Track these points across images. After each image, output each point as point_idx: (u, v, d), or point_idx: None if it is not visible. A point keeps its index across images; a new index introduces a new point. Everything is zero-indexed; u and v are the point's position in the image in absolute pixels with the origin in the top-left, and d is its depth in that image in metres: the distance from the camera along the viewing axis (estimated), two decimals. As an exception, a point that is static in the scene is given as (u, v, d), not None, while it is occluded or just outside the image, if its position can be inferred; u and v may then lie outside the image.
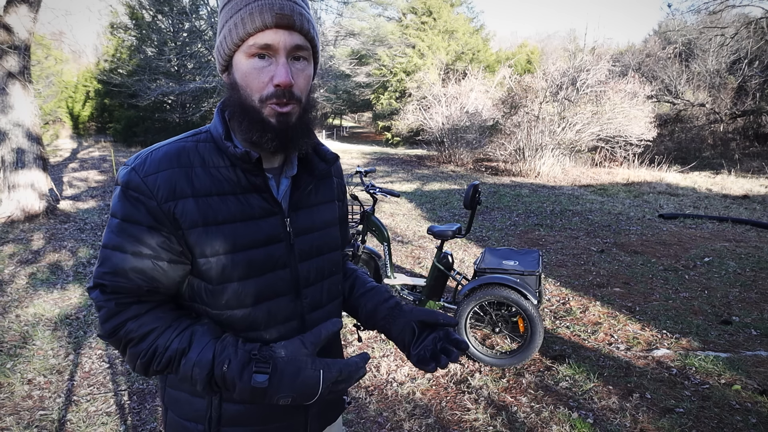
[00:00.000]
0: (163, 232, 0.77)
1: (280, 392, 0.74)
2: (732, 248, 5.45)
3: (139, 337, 0.77)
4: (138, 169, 0.77)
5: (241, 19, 0.76)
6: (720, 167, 14.24)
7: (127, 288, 0.77)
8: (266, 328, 0.85)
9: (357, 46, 25.10)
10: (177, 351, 0.76)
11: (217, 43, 0.82)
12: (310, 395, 0.75)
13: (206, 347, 0.76)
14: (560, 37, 41.45)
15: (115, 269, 0.76)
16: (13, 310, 3.68)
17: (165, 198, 0.76)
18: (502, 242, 5.86)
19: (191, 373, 0.75)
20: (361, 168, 3.82)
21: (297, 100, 0.80)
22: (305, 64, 0.81)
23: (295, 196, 0.89)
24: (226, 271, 0.80)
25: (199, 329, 0.78)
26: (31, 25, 6.21)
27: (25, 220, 6.28)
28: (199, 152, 0.81)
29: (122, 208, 0.77)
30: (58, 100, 19.34)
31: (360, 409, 2.51)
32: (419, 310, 0.95)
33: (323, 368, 0.76)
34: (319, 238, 0.93)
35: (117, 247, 0.77)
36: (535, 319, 2.72)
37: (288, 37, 0.77)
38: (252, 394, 0.73)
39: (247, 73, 0.78)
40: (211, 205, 0.79)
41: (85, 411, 2.47)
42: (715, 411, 2.39)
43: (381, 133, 25.98)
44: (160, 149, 0.81)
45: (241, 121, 0.80)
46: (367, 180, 3.81)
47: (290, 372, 0.75)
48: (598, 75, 12.33)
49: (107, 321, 0.77)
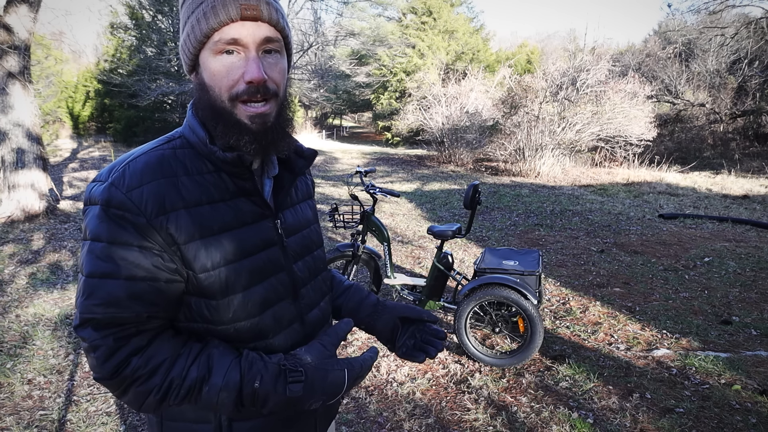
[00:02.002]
0: (155, 250, 0.70)
1: (313, 397, 0.75)
2: (732, 248, 5.45)
3: (149, 372, 0.69)
4: (118, 183, 0.69)
5: (204, 14, 0.70)
6: (720, 167, 14.24)
7: (124, 318, 0.68)
8: (274, 335, 0.83)
9: (357, 46, 25.10)
10: (197, 380, 0.70)
11: (181, 42, 0.76)
12: (337, 394, 0.77)
13: (231, 369, 0.72)
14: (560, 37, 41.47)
15: (107, 300, 0.67)
16: (13, 310, 3.68)
17: (155, 213, 0.69)
18: (502, 242, 5.86)
19: (217, 399, 0.71)
20: (361, 168, 3.82)
21: (273, 95, 0.75)
22: (278, 56, 0.76)
23: (280, 197, 0.86)
24: (229, 282, 0.76)
25: (215, 352, 0.73)
26: (31, 25, 6.21)
27: (25, 220, 6.28)
28: (180, 159, 0.75)
29: (107, 230, 0.68)
30: (58, 100, 19.33)
31: (360, 409, 2.51)
32: (402, 306, 1.00)
33: (347, 367, 0.78)
34: (307, 237, 0.92)
35: (106, 274, 0.68)
36: (535, 319, 2.72)
37: (256, 29, 0.71)
38: (287, 404, 0.73)
39: (215, 71, 0.72)
40: (203, 215, 0.74)
41: (85, 411, 2.47)
42: (715, 411, 2.39)
43: (381, 133, 25.98)
44: (137, 160, 0.73)
45: (216, 125, 0.75)
46: (367, 180, 3.81)
47: (320, 377, 0.76)
48: (598, 75, 12.33)
49: (108, 360, 0.67)
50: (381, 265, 3.67)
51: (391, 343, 0.99)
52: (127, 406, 2.53)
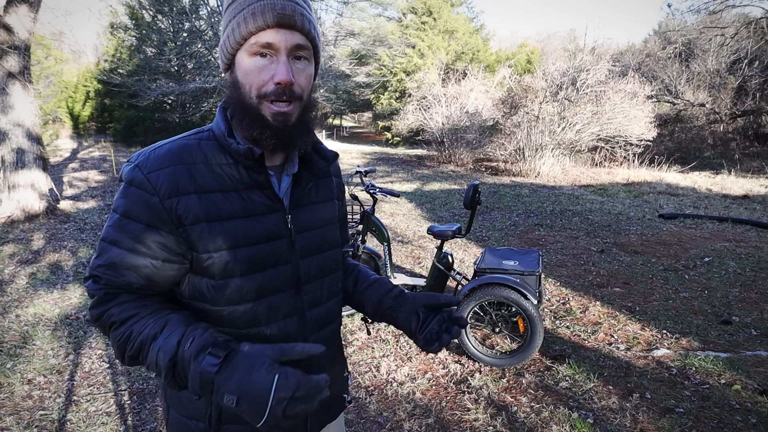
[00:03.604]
0: (162, 231, 0.78)
1: (228, 385, 0.68)
2: (732, 248, 5.45)
3: (120, 321, 0.78)
4: (141, 166, 0.79)
5: (244, 19, 0.77)
6: (720, 167, 14.24)
7: (117, 283, 0.79)
8: (267, 323, 0.86)
9: (357, 46, 25.09)
10: (148, 336, 0.76)
11: (221, 42, 0.84)
12: (258, 401, 0.66)
13: (174, 333, 0.75)
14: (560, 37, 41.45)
15: (109, 263, 0.78)
16: (13, 310, 3.68)
17: (167, 194, 0.77)
18: (502, 242, 5.86)
19: (156, 358, 0.74)
20: (361, 168, 3.82)
21: (298, 98, 0.81)
22: (306, 63, 0.82)
23: (296, 194, 0.90)
24: (228, 266, 0.81)
25: (174, 317, 0.78)
26: (31, 25, 6.21)
27: (25, 220, 6.28)
28: (202, 150, 0.83)
29: (123, 204, 0.78)
30: (58, 100, 19.33)
31: (360, 409, 2.51)
32: (422, 294, 0.98)
33: (279, 374, 0.68)
34: (320, 236, 0.94)
35: (114, 242, 0.78)
36: (535, 319, 2.72)
37: (289, 36, 0.78)
38: (201, 380, 0.69)
39: (248, 71, 0.79)
40: (214, 201, 0.80)
41: (85, 411, 2.47)
42: (715, 411, 2.39)
43: (381, 133, 25.98)
44: (163, 147, 0.82)
45: (242, 119, 0.82)
46: (367, 180, 3.81)
47: (243, 367, 0.70)
48: (598, 75, 12.32)
49: (95, 307, 0.80)
50: (381, 265, 3.67)
51: (414, 335, 0.96)
52: (126, 407, 2.53)
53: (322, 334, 0.96)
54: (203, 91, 16.72)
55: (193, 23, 16.39)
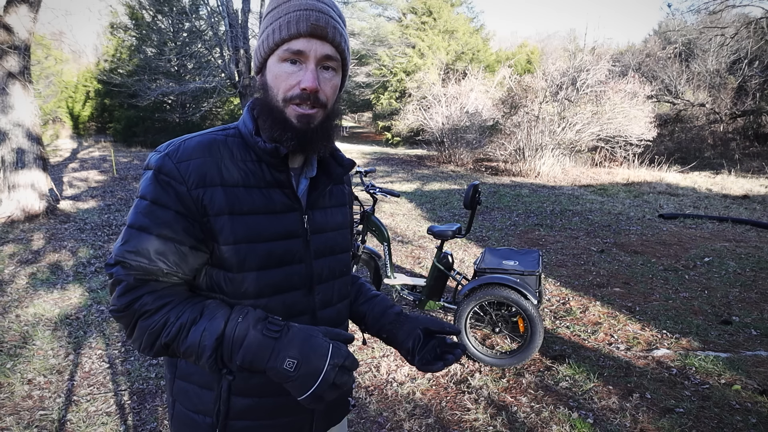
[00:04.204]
0: (189, 218, 0.80)
1: (289, 350, 0.73)
2: (732, 248, 5.45)
3: (155, 309, 0.78)
4: (172, 155, 0.81)
5: (279, 27, 0.82)
6: (720, 167, 14.24)
7: (148, 268, 0.79)
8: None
9: (357, 46, 25.04)
10: (188, 320, 0.77)
11: (256, 46, 0.88)
12: (316, 365, 0.72)
13: (219, 314, 0.78)
14: (560, 37, 41.42)
15: (138, 249, 0.79)
16: (13, 310, 3.68)
17: (195, 184, 0.80)
18: (502, 242, 5.86)
19: (200, 339, 0.75)
20: (361, 168, 3.82)
21: (322, 105, 0.84)
22: (333, 74, 0.86)
23: (313, 196, 0.93)
24: (247, 259, 0.83)
25: (211, 302, 0.81)
26: (31, 25, 6.22)
27: (25, 220, 6.28)
28: (228, 146, 0.86)
29: (153, 191, 0.80)
30: (58, 100, 19.33)
31: (360, 409, 2.51)
32: (424, 318, 1.01)
33: (334, 343, 0.75)
34: (332, 239, 0.97)
35: (143, 227, 0.79)
36: (535, 319, 2.72)
37: (320, 46, 0.82)
38: (260, 345, 0.73)
39: (277, 75, 0.83)
40: (237, 195, 0.83)
41: (85, 411, 2.48)
42: (715, 411, 2.39)
43: (381, 133, 25.98)
44: (192, 139, 0.85)
45: (266, 119, 0.86)
46: (367, 180, 3.81)
47: (301, 335, 0.75)
48: (598, 75, 12.32)
49: (124, 294, 0.78)
50: (381, 265, 3.67)
51: (411, 354, 0.98)
52: (126, 407, 2.53)
53: None
54: (203, 91, 16.71)
55: (193, 23, 16.38)
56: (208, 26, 15.97)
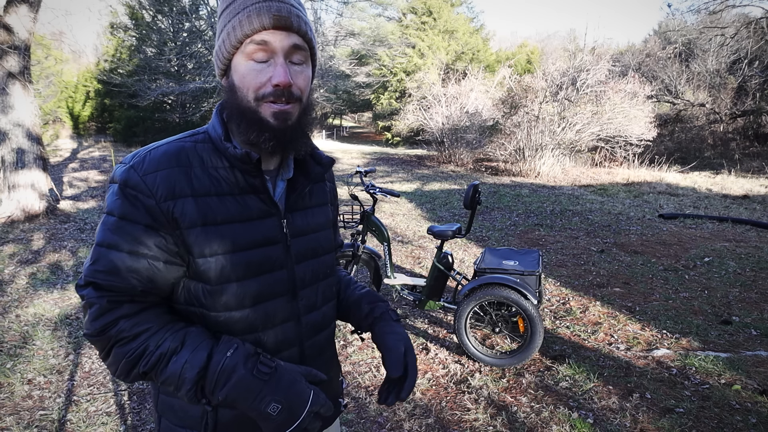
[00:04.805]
0: (161, 231, 0.76)
1: (276, 393, 0.73)
2: (732, 248, 5.45)
3: (132, 336, 0.75)
4: (137, 167, 0.76)
5: (239, 22, 0.77)
6: (720, 167, 14.24)
7: (121, 287, 0.75)
8: (264, 329, 0.85)
9: (357, 46, 25.09)
10: (168, 350, 0.74)
11: (216, 48, 0.83)
12: (296, 411, 0.74)
13: (201, 345, 0.75)
14: (560, 37, 41.45)
15: (110, 268, 0.75)
16: (13, 310, 3.68)
17: (164, 197, 0.76)
18: (502, 242, 5.86)
19: (180, 370, 0.73)
20: (361, 168, 3.82)
21: (297, 100, 0.80)
22: (304, 66, 0.82)
23: (292, 199, 0.89)
24: (225, 271, 0.79)
25: (193, 330, 0.78)
26: (31, 25, 6.21)
27: (25, 220, 6.28)
28: (198, 152, 0.81)
29: (120, 206, 0.76)
30: (58, 100, 19.33)
31: (360, 409, 2.51)
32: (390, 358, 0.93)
33: (314, 390, 0.77)
34: (314, 241, 0.93)
35: (113, 245, 0.75)
36: (535, 319, 2.72)
37: (286, 38, 0.78)
38: (248, 386, 0.72)
39: (245, 74, 0.78)
40: (210, 205, 0.78)
41: (85, 411, 2.47)
42: (715, 411, 2.39)
43: (381, 133, 25.99)
44: (158, 148, 0.80)
45: (239, 122, 0.81)
46: (367, 180, 3.81)
47: (288, 378, 0.75)
48: (598, 75, 12.32)
49: (97, 318, 0.74)
50: (381, 265, 3.67)
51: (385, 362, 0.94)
52: (126, 407, 2.53)
53: (317, 339, 0.95)
54: (203, 91, 16.73)
55: (193, 23, 16.40)
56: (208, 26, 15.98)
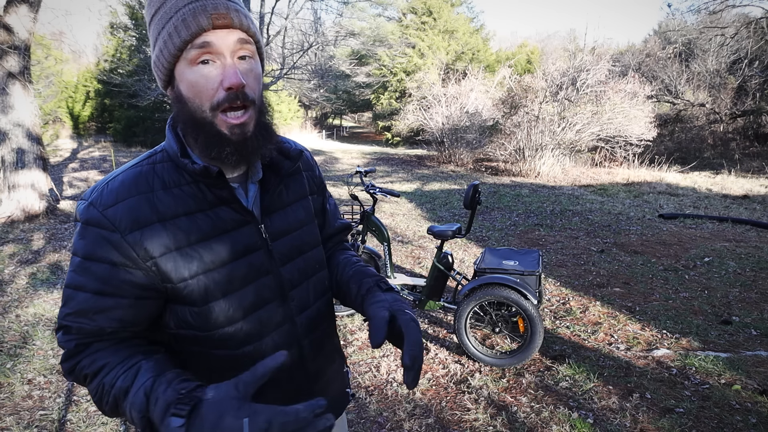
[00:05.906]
0: (129, 268, 0.73)
1: None
2: (732, 248, 5.45)
3: (92, 374, 0.73)
4: (96, 203, 0.73)
5: (175, 28, 0.71)
6: (720, 167, 14.24)
7: (89, 330, 0.73)
8: (261, 338, 0.83)
9: (357, 46, 25.07)
10: (121, 390, 0.70)
11: (154, 58, 0.76)
12: None
13: (142, 387, 0.68)
14: (560, 37, 41.43)
15: (77, 309, 0.73)
16: (13, 310, 3.68)
17: (129, 228, 0.72)
18: (502, 242, 5.86)
19: (130, 414, 0.68)
20: (361, 168, 3.82)
21: (251, 102, 0.75)
22: (252, 62, 0.77)
23: (266, 201, 0.86)
24: (209, 290, 0.77)
25: (144, 365, 0.71)
26: (31, 25, 6.21)
27: (26, 220, 6.28)
28: (158, 174, 0.77)
29: (83, 246, 0.72)
30: (58, 100, 19.34)
31: (360, 409, 2.51)
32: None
33: (250, 416, 0.62)
34: (298, 239, 0.90)
35: (79, 287, 0.73)
36: (535, 319, 2.72)
37: (228, 35, 0.72)
38: None
39: (193, 82, 0.73)
40: (179, 226, 0.75)
41: (85, 411, 2.47)
42: (715, 411, 2.39)
43: (381, 133, 25.99)
44: (115, 179, 0.76)
45: (197, 137, 0.76)
46: (367, 180, 3.81)
47: (211, 418, 0.62)
48: (598, 75, 12.33)
49: (66, 361, 0.75)
50: (381, 265, 3.67)
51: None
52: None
53: (314, 336, 0.93)
54: (203, 91, 16.71)
55: (193, 23, 16.39)
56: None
